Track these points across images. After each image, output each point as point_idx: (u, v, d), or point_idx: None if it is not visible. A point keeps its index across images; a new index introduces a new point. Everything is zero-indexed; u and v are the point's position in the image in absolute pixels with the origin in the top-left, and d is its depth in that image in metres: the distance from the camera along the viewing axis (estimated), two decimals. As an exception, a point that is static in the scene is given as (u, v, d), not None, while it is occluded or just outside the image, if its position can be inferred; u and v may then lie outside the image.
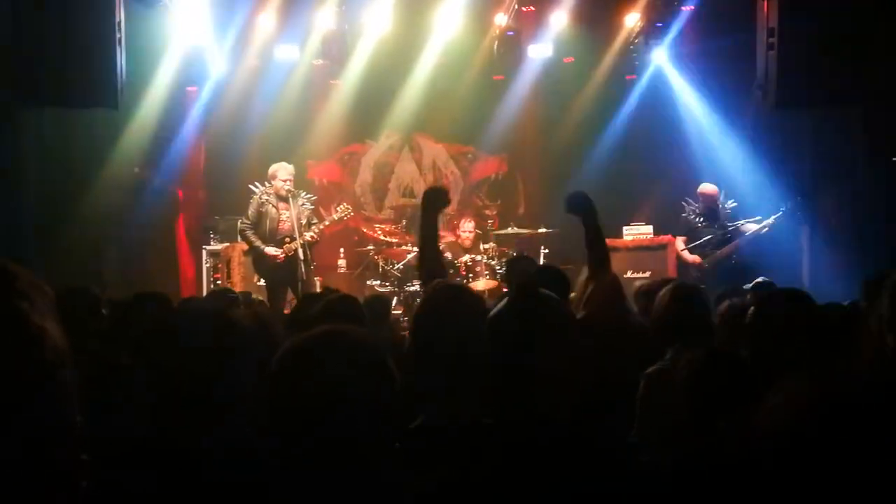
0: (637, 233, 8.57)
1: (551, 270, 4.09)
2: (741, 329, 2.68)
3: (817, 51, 5.76)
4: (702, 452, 1.98)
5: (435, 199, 3.25)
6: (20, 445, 1.24)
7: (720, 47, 8.00)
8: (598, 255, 3.39)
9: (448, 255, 8.77)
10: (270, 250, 7.06)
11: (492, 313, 1.90)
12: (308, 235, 7.05)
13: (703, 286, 4.36)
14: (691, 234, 7.51)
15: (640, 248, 8.39)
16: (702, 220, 7.46)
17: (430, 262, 3.17)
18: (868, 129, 6.39)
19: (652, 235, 8.44)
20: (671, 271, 7.94)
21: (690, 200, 7.69)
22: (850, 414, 1.14)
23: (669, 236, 8.00)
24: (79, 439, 1.42)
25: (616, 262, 8.44)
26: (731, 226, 7.31)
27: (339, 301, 3.32)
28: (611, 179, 9.24)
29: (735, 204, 7.57)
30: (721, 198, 7.52)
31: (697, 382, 2.11)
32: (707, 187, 7.52)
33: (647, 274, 8.07)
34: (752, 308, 2.57)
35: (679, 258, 7.68)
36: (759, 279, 4.79)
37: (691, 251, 7.47)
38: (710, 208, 7.43)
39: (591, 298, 3.26)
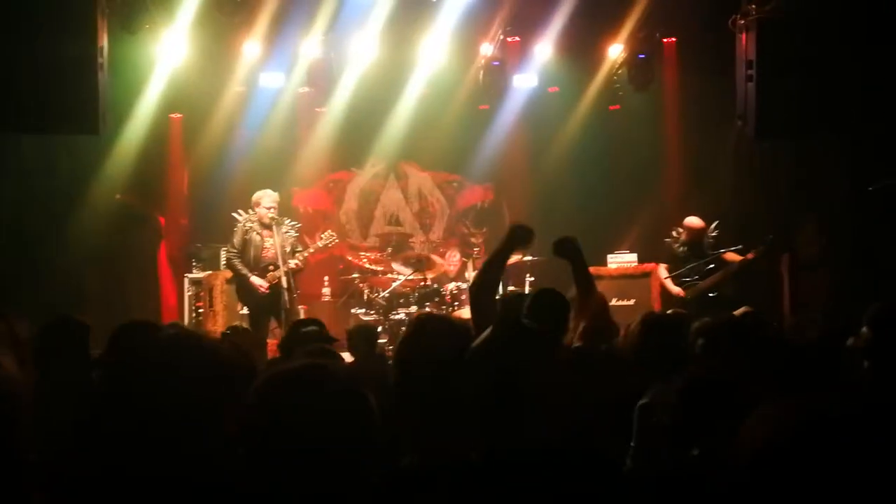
0: (621, 261, 8.59)
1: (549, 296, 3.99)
2: (719, 355, 2.70)
3: (796, 82, 5.83)
4: (684, 470, 1.97)
5: (521, 237, 3.30)
6: None
7: (701, 78, 8.09)
8: (585, 292, 3.50)
9: (434, 283, 8.77)
10: (255, 280, 7.02)
11: (475, 345, 1.89)
12: (292, 263, 7.02)
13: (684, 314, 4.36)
14: (673, 263, 7.52)
15: (624, 277, 8.40)
16: (685, 249, 7.46)
17: (484, 288, 3.15)
18: (845, 159, 6.46)
19: (636, 263, 8.46)
20: (655, 298, 7.94)
21: (679, 230, 7.71)
22: (829, 434, 1.15)
23: (653, 264, 8.01)
24: (32, 469, 1.38)
25: (600, 289, 8.50)
26: (713, 254, 7.31)
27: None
28: (595, 208, 9.30)
29: (718, 231, 7.58)
30: (707, 232, 7.49)
31: (682, 409, 2.11)
32: (693, 220, 7.51)
33: (632, 302, 8.08)
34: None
35: (662, 286, 7.67)
36: (743, 309, 4.79)
37: (674, 280, 7.47)
38: (695, 241, 7.43)
39: (585, 332, 3.32)
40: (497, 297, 5.42)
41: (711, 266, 7.23)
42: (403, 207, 10.61)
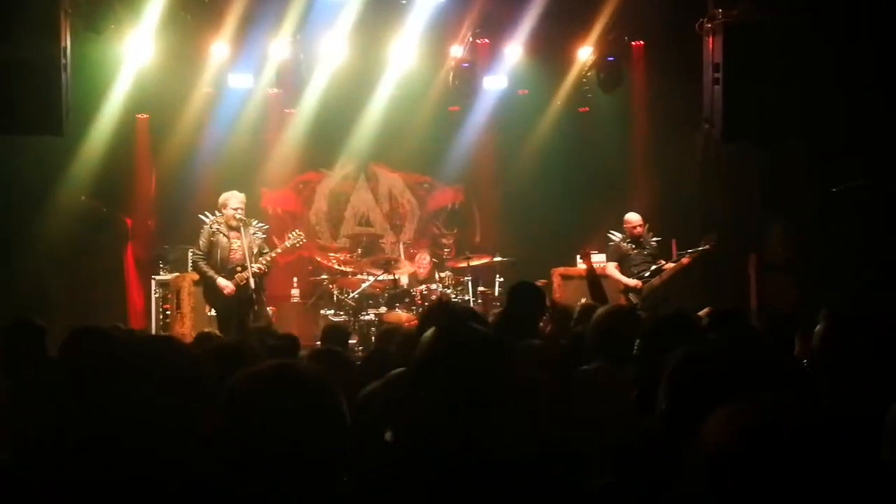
0: (592, 261, 8.64)
1: (524, 287, 4.19)
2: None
3: (762, 86, 5.91)
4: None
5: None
6: None
7: (669, 80, 8.18)
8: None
9: (404, 284, 8.75)
10: (222, 282, 6.94)
11: (417, 357, 1.84)
12: (255, 267, 6.93)
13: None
14: (623, 261, 7.68)
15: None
16: (632, 246, 7.65)
17: None
18: (812, 161, 6.57)
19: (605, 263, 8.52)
20: (618, 297, 8.03)
21: (615, 232, 7.86)
22: (781, 435, 1.17)
23: (602, 267, 8.10)
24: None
25: (571, 290, 8.57)
26: (659, 257, 7.56)
27: None
28: (564, 208, 9.36)
29: (658, 239, 7.79)
30: (645, 229, 7.74)
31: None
32: (632, 216, 7.73)
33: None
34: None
35: (615, 281, 7.73)
36: (706, 310, 4.81)
37: (627, 275, 7.63)
38: (635, 236, 7.66)
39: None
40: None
41: (659, 264, 7.47)
42: (374, 208, 10.58)
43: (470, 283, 8.80)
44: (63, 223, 7.64)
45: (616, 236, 7.86)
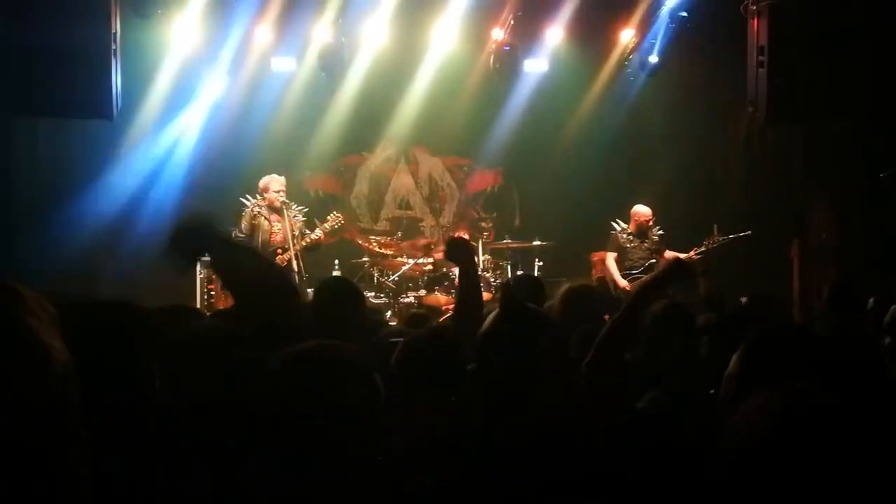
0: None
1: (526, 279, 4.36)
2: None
3: (807, 67, 5.81)
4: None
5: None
6: (27, 457, 1.27)
7: (712, 63, 8.06)
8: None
9: (444, 267, 8.81)
10: None
11: (483, 329, 1.94)
12: (317, 234, 7.08)
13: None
14: (621, 253, 7.60)
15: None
16: (632, 239, 7.55)
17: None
18: (857, 144, 6.44)
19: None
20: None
21: (619, 221, 7.77)
22: (815, 421, 1.18)
23: (602, 252, 8.03)
24: (83, 452, 1.45)
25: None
26: (656, 254, 7.48)
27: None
28: (604, 192, 9.30)
29: (662, 232, 7.69)
30: (651, 223, 7.64)
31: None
32: (639, 208, 7.64)
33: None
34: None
35: (609, 276, 7.68)
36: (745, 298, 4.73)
37: (623, 273, 7.54)
38: (641, 230, 7.56)
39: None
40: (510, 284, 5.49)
41: (653, 261, 7.37)
42: (413, 191, 10.64)
43: (509, 266, 8.82)
44: (112, 206, 7.84)
45: (620, 226, 7.77)
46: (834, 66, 5.74)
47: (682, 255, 7.40)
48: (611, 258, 7.72)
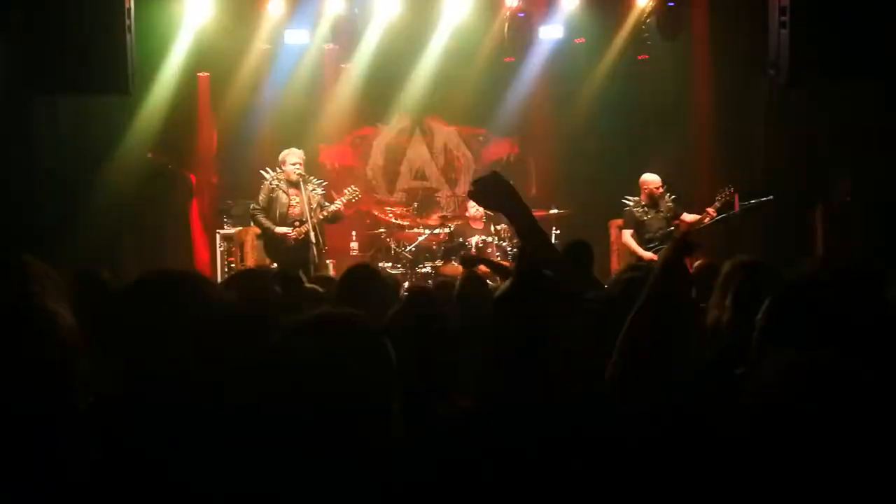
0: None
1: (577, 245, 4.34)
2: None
3: (830, 28, 5.69)
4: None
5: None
6: (33, 418, 1.28)
7: (733, 25, 7.92)
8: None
9: (459, 237, 8.81)
10: (280, 229, 7.13)
11: (496, 295, 1.90)
12: (337, 204, 7.17)
13: None
14: (639, 228, 7.51)
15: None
16: (647, 210, 7.47)
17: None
18: (886, 105, 6.32)
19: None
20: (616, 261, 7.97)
21: (629, 197, 7.68)
22: (831, 385, 1.17)
23: (619, 220, 7.94)
24: (88, 415, 1.45)
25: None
26: (674, 220, 7.40)
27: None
28: (622, 160, 9.22)
29: (675, 197, 7.59)
30: (662, 190, 7.53)
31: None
32: (649, 177, 7.54)
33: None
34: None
35: (630, 251, 7.61)
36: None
37: (643, 247, 7.47)
38: (652, 198, 7.46)
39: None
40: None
41: (671, 229, 7.28)
42: (429, 162, 10.61)
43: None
44: (130, 180, 7.87)
45: (630, 201, 7.66)
46: (858, 27, 5.62)
47: (699, 216, 7.36)
48: (627, 234, 7.62)
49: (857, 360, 1.23)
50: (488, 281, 4.50)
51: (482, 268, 7.95)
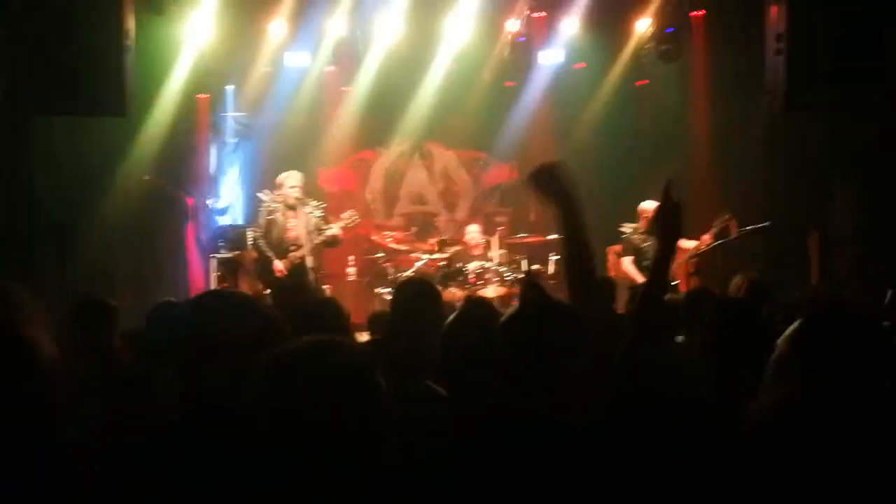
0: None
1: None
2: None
3: (826, 55, 5.71)
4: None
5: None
6: (11, 443, 1.25)
7: (731, 51, 7.95)
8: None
9: (458, 263, 8.77)
10: (277, 264, 7.07)
11: (503, 318, 1.92)
12: (334, 229, 7.07)
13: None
14: (638, 254, 7.47)
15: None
16: (645, 237, 7.44)
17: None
18: (880, 132, 6.32)
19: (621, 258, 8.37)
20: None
21: (627, 224, 7.65)
22: (832, 411, 1.14)
23: (618, 246, 7.90)
24: (69, 441, 1.42)
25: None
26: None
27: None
28: (621, 184, 9.21)
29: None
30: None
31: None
32: (648, 204, 7.51)
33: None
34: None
35: (628, 279, 7.55)
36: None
37: (642, 273, 7.41)
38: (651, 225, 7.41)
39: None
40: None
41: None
42: (428, 187, 10.60)
43: (525, 260, 8.77)
44: (127, 202, 7.87)
45: (628, 228, 7.64)
46: (854, 53, 5.63)
47: (696, 242, 7.34)
48: (627, 261, 7.57)
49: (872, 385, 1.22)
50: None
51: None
